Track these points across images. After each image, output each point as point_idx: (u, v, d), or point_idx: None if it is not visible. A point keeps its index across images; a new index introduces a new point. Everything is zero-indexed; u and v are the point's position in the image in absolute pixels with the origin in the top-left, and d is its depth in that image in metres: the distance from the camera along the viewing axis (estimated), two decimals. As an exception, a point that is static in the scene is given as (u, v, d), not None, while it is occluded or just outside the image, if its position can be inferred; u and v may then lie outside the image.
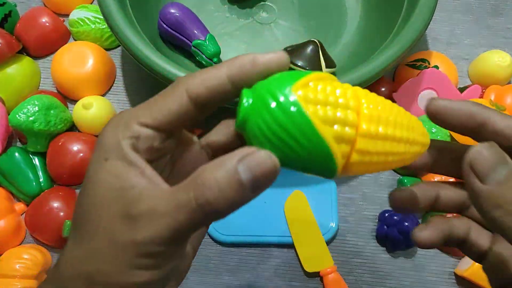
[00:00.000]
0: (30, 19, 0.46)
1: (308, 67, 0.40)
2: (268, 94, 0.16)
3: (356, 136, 0.16)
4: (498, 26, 0.50)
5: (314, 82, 0.17)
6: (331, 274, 0.38)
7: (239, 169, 0.15)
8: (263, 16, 0.47)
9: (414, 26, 0.37)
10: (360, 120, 0.17)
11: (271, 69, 0.17)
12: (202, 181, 0.15)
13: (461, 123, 0.19)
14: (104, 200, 0.17)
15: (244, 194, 0.15)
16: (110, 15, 0.37)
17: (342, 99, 0.17)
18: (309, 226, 0.39)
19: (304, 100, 0.16)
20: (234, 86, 0.18)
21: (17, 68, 0.44)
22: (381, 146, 0.17)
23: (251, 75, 0.17)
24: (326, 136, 0.16)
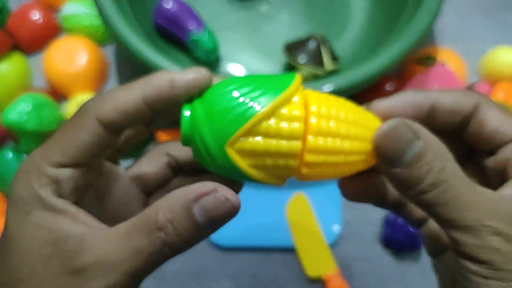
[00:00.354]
0: (22, 14, 0.45)
1: (310, 63, 0.39)
2: (208, 106, 0.16)
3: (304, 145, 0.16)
4: (508, 21, 0.48)
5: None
6: (334, 279, 0.37)
7: (194, 211, 0.15)
8: (264, 10, 0.46)
9: (421, 21, 0.36)
10: (307, 132, 0.16)
11: (192, 90, 0.17)
12: (158, 225, 0.15)
13: (412, 117, 0.18)
14: (37, 258, 0.15)
15: (202, 233, 0.16)
16: (104, 9, 0.36)
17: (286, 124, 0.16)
18: (311, 230, 0.38)
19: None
20: (152, 109, 0.17)
21: (9, 66, 0.43)
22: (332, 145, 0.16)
23: (169, 98, 0.16)
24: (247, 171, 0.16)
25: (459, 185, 0.16)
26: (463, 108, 0.18)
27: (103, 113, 0.16)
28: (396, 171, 0.16)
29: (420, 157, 0.16)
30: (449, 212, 0.16)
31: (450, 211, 0.16)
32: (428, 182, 0.16)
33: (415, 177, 0.16)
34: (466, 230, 0.15)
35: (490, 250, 0.15)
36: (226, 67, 0.43)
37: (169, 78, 0.16)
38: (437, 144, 0.16)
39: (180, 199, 0.15)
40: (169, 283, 0.38)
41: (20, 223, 0.16)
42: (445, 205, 0.16)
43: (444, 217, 0.16)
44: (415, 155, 0.16)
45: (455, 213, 0.15)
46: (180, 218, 0.15)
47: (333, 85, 0.33)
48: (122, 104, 0.16)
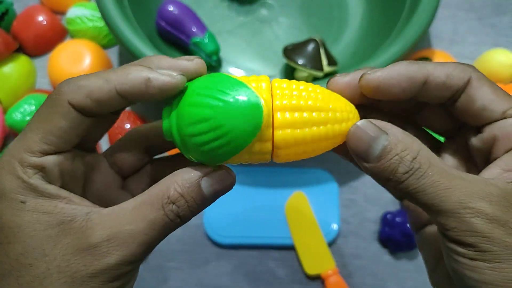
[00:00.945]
0: (27, 17, 0.46)
1: (308, 66, 0.39)
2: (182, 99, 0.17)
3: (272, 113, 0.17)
4: (502, 24, 0.49)
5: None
6: (333, 277, 0.37)
7: (202, 186, 0.17)
8: (263, 14, 0.47)
9: (417, 24, 0.36)
10: (274, 99, 0.17)
11: (167, 93, 0.17)
12: (171, 199, 0.17)
13: (403, 90, 0.18)
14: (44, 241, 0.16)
15: (205, 204, 0.17)
16: (107, 12, 0.36)
17: (254, 83, 0.17)
18: (310, 228, 0.39)
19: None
20: (126, 100, 0.17)
21: (14, 67, 0.44)
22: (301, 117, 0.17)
23: (143, 96, 0.17)
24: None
25: (435, 171, 0.16)
26: (454, 82, 0.17)
27: (77, 101, 0.17)
28: (368, 165, 0.17)
29: (389, 150, 0.16)
30: (428, 198, 0.16)
31: (429, 197, 0.16)
32: (401, 171, 0.16)
33: (388, 169, 0.16)
34: (448, 214, 0.16)
35: (473, 233, 0.15)
36: (227, 69, 0.44)
37: (145, 77, 0.17)
38: (407, 137, 0.17)
39: (190, 176, 0.17)
40: (170, 281, 0.38)
41: (15, 213, 0.16)
42: (423, 192, 0.16)
43: (424, 203, 0.16)
44: (383, 149, 0.16)
45: (435, 198, 0.16)
46: (190, 192, 0.17)
47: (331, 86, 0.34)
48: (96, 93, 0.17)
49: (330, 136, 0.18)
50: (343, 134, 0.18)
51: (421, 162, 0.16)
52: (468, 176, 0.16)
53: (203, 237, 0.40)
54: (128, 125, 0.42)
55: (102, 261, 0.16)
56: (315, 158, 0.42)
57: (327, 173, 0.41)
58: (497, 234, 0.15)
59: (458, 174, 0.16)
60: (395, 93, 0.18)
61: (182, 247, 0.39)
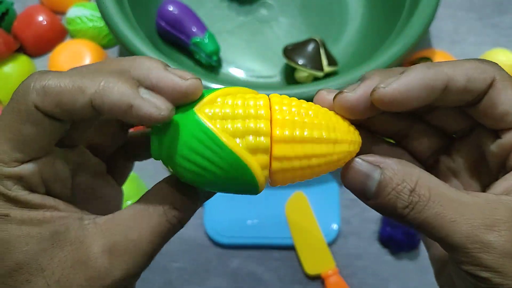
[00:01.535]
0: (27, 17, 0.46)
1: (309, 66, 0.39)
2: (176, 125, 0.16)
3: (271, 144, 0.16)
4: (503, 24, 0.49)
5: (222, 97, 0.16)
6: (333, 277, 0.37)
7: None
8: (263, 14, 0.47)
9: (417, 24, 0.36)
10: (273, 127, 0.16)
11: (147, 124, 0.15)
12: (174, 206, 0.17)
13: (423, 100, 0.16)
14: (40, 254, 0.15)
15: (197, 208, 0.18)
16: (107, 12, 0.37)
17: (253, 110, 0.16)
18: (310, 228, 0.39)
19: (210, 118, 0.16)
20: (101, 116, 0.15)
21: (14, 67, 0.44)
22: (300, 149, 0.16)
23: (122, 118, 0.15)
24: (236, 149, 0.15)
25: (437, 201, 0.15)
26: (477, 86, 0.16)
27: (44, 107, 0.14)
28: (370, 203, 0.16)
29: (385, 185, 0.15)
30: (434, 231, 0.15)
31: (434, 230, 0.15)
32: (401, 206, 0.15)
33: (388, 205, 0.16)
34: (457, 249, 0.15)
35: (483, 268, 0.15)
36: (227, 69, 0.44)
37: (127, 103, 0.14)
38: (403, 167, 0.16)
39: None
40: (172, 281, 0.38)
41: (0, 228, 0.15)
42: (428, 226, 0.15)
43: (432, 236, 0.15)
44: (379, 185, 0.16)
45: (441, 232, 0.15)
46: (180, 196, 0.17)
47: (331, 87, 0.34)
48: (67, 105, 0.14)
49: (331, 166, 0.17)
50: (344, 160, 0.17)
51: (420, 193, 0.15)
52: (474, 199, 0.15)
53: (203, 237, 0.40)
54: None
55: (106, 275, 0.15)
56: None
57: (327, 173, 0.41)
58: (509, 268, 0.14)
59: (463, 199, 0.15)
60: (413, 104, 0.16)
61: (183, 248, 0.39)
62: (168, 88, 0.15)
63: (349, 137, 0.17)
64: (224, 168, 0.15)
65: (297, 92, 0.33)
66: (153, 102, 0.14)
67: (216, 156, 0.15)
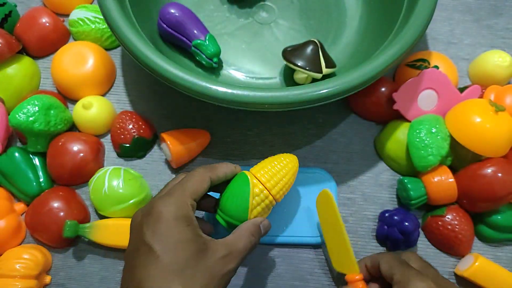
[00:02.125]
0: (30, 19, 0.46)
1: (308, 67, 0.40)
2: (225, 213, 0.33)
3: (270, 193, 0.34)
4: (498, 26, 0.50)
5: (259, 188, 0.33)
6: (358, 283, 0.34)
7: (261, 227, 0.32)
8: (263, 16, 0.47)
9: (414, 26, 0.37)
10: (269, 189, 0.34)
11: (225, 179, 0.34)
12: (253, 234, 0.31)
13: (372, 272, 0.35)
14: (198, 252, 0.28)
15: (260, 236, 0.32)
16: (109, 15, 0.37)
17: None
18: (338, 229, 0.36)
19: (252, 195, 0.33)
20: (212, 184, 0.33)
21: (17, 68, 0.44)
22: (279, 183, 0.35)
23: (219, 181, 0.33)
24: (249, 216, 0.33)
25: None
26: (390, 277, 0.32)
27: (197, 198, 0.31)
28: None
29: None
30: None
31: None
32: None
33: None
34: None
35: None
36: (227, 71, 0.45)
37: (232, 171, 0.34)
38: None
39: (256, 222, 0.32)
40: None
41: (183, 229, 0.28)
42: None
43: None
44: None
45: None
46: (257, 230, 0.32)
47: (329, 88, 0.34)
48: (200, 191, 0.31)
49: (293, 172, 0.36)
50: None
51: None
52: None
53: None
54: (130, 125, 0.42)
55: (228, 266, 0.28)
56: (314, 158, 0.43)
57: (326, 173, 0.42)
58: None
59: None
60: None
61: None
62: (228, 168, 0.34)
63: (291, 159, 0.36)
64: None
65: (296, 93, 0.34)
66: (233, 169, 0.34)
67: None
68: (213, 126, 0.45)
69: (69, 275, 0.39)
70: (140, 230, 0.28)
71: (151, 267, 0.26)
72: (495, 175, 0.37)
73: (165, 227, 0.28)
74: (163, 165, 0.43)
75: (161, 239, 0.27)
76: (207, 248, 0.28)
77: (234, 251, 0.29)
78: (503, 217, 0.39)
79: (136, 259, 0.27)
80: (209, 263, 0.28)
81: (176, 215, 0.28)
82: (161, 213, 0.28)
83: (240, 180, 0.33)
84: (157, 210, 0.28)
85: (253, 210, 0.33)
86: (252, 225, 0.31)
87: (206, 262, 0.27)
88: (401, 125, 0.42)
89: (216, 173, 0.32)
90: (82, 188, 0.42)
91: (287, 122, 0.45)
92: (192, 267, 0.27)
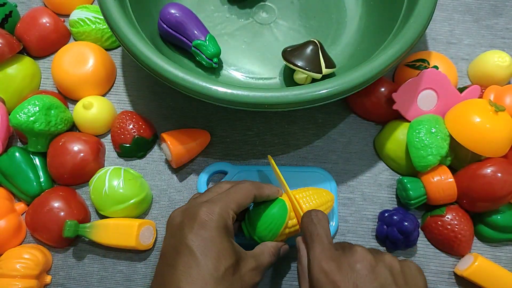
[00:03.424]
0: (31, 19, 0.46)
1: (307, 68, 0.40)
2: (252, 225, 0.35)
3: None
4: (497, 26, 0.50)
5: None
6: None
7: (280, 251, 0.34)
8: (263, 16, 0.48)
9: (414, 26, 0.37)
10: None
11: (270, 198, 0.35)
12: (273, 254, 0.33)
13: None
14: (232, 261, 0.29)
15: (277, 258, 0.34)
16: (110, 15, 0.37)
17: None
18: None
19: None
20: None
21: (18, 68, 0.44)
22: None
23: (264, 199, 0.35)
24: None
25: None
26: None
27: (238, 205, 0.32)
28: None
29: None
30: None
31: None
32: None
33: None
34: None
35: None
36: (227, 71, 0.45)
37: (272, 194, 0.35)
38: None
39: (278, 244, 0.34)
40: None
41: (224, 239, 0.29)
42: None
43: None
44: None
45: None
46: (278, 252, 0.33)
47: (329, 88, 0.34)
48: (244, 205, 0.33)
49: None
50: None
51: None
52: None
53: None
54: (130, 125, 0.42)
55: (255, 278, 0.30)
56: (314, 158, 0.43)
57: (326, 173, 0.42)
58: None
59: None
60: None
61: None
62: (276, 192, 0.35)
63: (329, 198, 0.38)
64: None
65: (295, 93, 0.34)
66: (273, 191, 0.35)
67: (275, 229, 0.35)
68: (213, 126, 0.45)
69: (69, 275, 0.39)
70: (182, 232, 0.29)
71: (192, 271, 0.27)
72: (495, 175, 0.37)
73: (209, 235, 0.29)
74: (163, 165, 0.43)
75: (204, 246, 0.28)
76: (241, 258, 0.30)
77: (260, 265, 0.31)
78: (503, 217, 0.39)
79: (176, 260, 0.28)
80: (243, 274, 0.29)
81: (218, 224, 0.29)
82: (205, 220, 0.29)
83: (278, 207, 0.34)
84: (201, 216, 0.29)
85: (279, 236, 0.35)
86: (275, 246, 0.33)
87: (240, 272, 0.29)
88: (400, 125, 0.42)
89: (261, 192, 0.33)
90: (83, 188, 0.42)
91: (287, 122, 0.45)
92: (230, 276, 0.28)
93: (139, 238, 0.38)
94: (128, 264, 0.40)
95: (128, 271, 0.39)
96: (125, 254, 0.40)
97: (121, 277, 0.39)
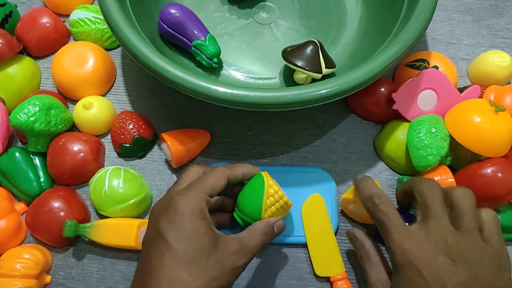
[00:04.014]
0: (31, 19, 0.46)
1: (307, 68, 0.40)
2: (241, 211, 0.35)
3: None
4: (497, 26, 0.50)
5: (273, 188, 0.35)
6: (341, 281, 0.37)
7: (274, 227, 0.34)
8: (263, 16, 0.48)
9: (414, 26, 0.37)
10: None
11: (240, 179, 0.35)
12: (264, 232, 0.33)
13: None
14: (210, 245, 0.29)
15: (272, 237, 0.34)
16: (110, 15, 0.37)
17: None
18: (324, 230, 0.39)
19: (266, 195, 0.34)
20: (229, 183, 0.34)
21: (18, 68, 0.44)
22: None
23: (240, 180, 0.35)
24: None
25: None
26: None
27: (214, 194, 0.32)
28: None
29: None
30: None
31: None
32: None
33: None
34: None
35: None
36: (228, 71, 0.45)
37: (247, 173, 0.35)
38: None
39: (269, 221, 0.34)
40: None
41: (196, 222, 0.29)
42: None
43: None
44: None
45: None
46: (270, 230, 0.33)
47: (329, 88, 0.34)
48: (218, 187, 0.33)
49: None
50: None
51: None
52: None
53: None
54: (130, 125, 0.42)
55: (239, 261, 0.30)
56: (314, 158, 0.43)
57: (325, 172, 0.42)
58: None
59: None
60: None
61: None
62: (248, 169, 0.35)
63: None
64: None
65: (295, 93, 0.34)
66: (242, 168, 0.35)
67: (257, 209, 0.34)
68: (213, 126, 0.45)
69: (69, 275, 0.39)
70: (157, 220, 0.30)
71: (164, 256, 0.28)
72: (495, 175, 0.37)
73: (180, 219, 0.29)
74: (163, 165, 0.43)
75: (175, 230, 0.29)
76: (218, 242, 0.29)
77: (245, 247, 0.30)
78: (503, 217, 0.39)
79: (150, 248, 0.29)
80: (220, 257, 0.29)
81: (191, 209, 0.29)
82: (177, 206, 0.30)
83: (256, 180, 0.35)
84: (174, 203, 0.30)
85: (267, 210, 0.34)
86: (265, 224, 0.33)
87: (217, 255, 0.29)
88: (400, 125, 0.42)
89: (235, 172, 0.33)
90: (83, 188, 0.42)
91: (287, 122, 0.45)
92: (203, 259, 0.28)
93: (138, 238, 0.38)
94: (127, 263, 0.40)
95: (127, 271, 0.40)
96: (124, 254, 0.40)
97: (121, 277, 0.39)
